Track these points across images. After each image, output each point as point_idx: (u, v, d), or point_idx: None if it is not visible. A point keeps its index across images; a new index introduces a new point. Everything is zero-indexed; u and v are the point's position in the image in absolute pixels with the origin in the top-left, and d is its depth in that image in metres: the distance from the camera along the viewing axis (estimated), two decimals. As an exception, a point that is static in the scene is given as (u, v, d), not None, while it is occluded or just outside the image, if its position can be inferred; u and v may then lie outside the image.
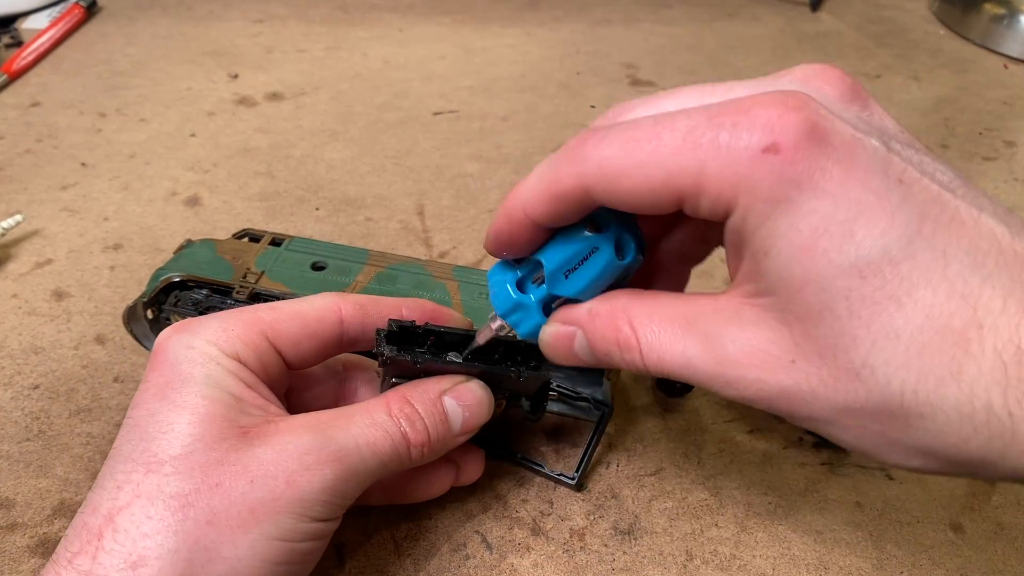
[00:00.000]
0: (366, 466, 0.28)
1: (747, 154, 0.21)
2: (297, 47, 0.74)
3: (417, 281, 0.40)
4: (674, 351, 0.24)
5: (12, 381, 0.41)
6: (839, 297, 0.21)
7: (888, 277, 0.20)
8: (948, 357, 0.20)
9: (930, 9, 0.85)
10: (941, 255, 0.20)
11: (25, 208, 0.52)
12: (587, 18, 0.81)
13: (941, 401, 0.20)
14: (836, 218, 0.21)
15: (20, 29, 0.74)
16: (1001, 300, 0.20)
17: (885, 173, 0.21)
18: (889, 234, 0.20)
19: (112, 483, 0.26)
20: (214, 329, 0.29)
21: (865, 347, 0.21)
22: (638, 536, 0.35)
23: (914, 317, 0.20)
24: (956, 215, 0.21)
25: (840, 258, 0.21)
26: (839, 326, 0.21)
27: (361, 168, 0.58)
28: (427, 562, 0.34)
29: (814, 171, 0.21)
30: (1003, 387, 0.19)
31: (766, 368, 0.22)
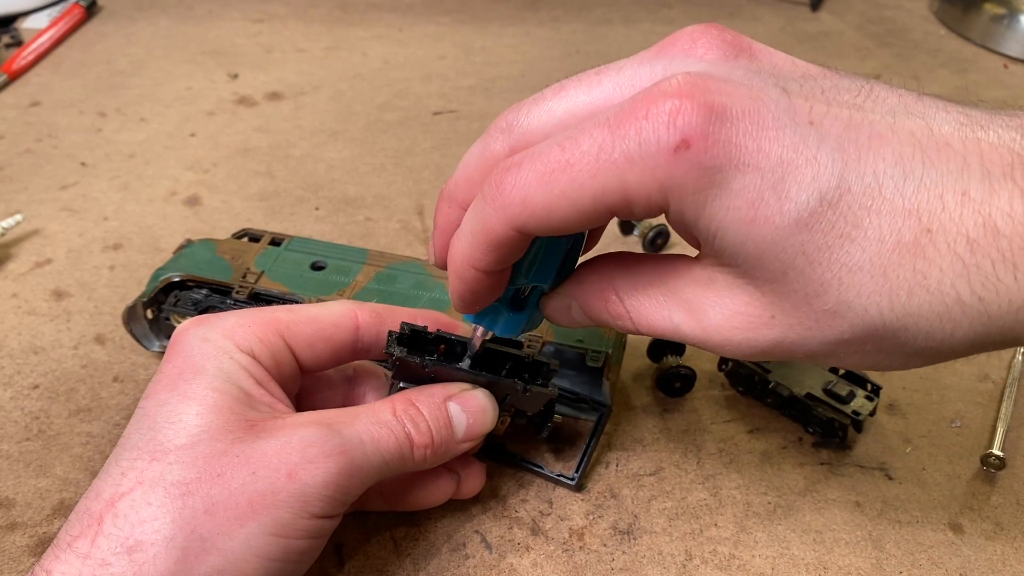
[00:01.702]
0: (369, 463, 0.28)
1: (661, 158, 0.21)
2: (297, 47, 0.74)
3: (416, 281, 0.40)
4: (661, 317, 0.25)
5: (12, 381, 0.41)
6: (795, 254, 0.22)
7: (832, 219, 0.21)
8: (909, 269, 0.21)
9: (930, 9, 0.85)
10: (872, 178, 0.21)
11: (25, 208, 0.52)
12: (587, 18, 0.81)
13: (918, 309, 0.21)
14: (765, 184, 0.21)
15: (20, 29, 0.74)
16: (939, 199, 0.21)
17: (794, 121, 0.21)
18: (819, 179, 0.21)
19: (117, 470, 0.26)
20: (231, 324, 0.29)
21: (834, 289, 0.22)
22: (637, 536, 0.35)
23: (868, 246, 0.21)
24: (873, 131, 0.22)
25: (783, 219, 0.21)
26: (804, 279, 0.22)
27: (361, 168, 0.58)
28: (427, 562, 0.34)
29: (729, 150, 0.21)
30: (966, 277, 0.21)
31: (751, 328, 0.24)
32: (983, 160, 0.21)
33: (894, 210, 0.21)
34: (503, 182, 0.23)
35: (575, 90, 0.25)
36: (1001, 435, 0.38)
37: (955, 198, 0.21)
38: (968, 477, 0.38)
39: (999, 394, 0.41)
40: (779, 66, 0.24)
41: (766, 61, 0.24)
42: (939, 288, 0.21)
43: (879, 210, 0.21)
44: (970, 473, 0.38)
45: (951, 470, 0.38)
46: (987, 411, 0.41)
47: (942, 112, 0.22)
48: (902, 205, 0.21)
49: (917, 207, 0.21)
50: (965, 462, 0.38)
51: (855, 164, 0.21)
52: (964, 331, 0.21)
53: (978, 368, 0.43)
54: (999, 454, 0.37)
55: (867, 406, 0.37)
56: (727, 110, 0.21)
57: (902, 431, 0.40)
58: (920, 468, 0.38)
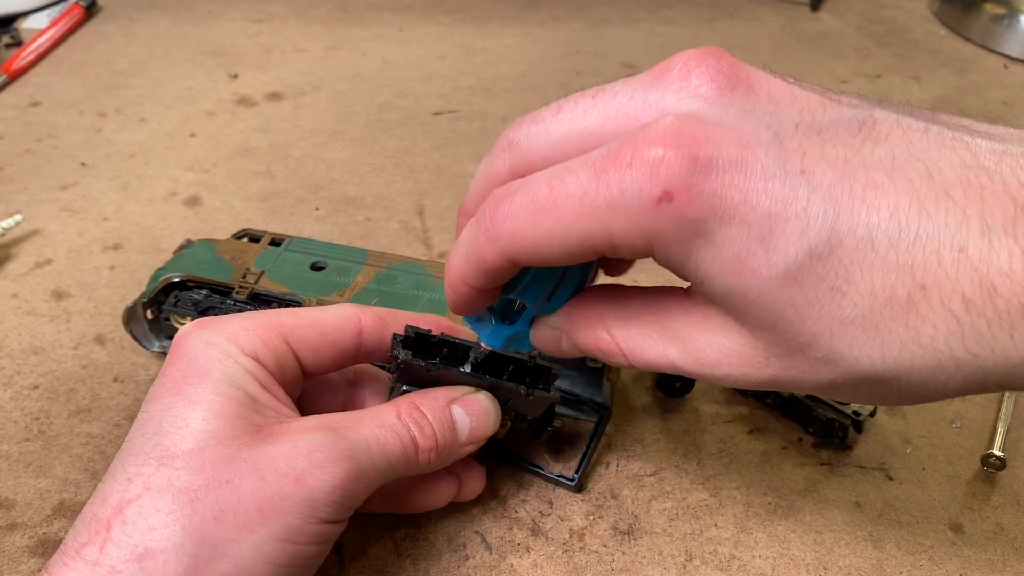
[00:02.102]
0: (375, 466, 0.28)
1: (643, 209, 0.21)
2: (297, 47, 0.74)
3: (417, 281, 0.40)
4: (656, 353, 0.25)
5: (12, 381, 0.41)
6: (784, 306, 0.21)
7: (822, 273, 0.21)
8: (902, 325, 0.21)
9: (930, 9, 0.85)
10: (865, 231, 0.20)
11: (25, 208, 0.52)
12: (587, 18, 0.81)
13: (910, 363, 0.21)
14: (752, 237, 0.21)
15: (20, 29, 0.74)
16: (935, 255, 0.20)
17: (784, 170, 0.21)
18: (808, 233, 0.21)
19: (123, 475, 0.26)
20: (235, 327, 0.29)
21: (825, 340, 0.21)
22: (637, 536, 0.35)
23: (859, 300, 0.21)
24: (868, 178, 0.21)
25: (770, 271, 0.21)
26: (795, 330, 0.22)
27: (361, 168, 0.58)
28: (427, 563, 0.34)
29: (714, 203, 0.21)
30: (960, 336, 0.20)
31: (747, 366, 0.24)
32: (984, 212, 0.20)
33: (887, 265, 0.20)
34: (496, 213, 0.24)
35: (571, 114, 0.25)
36: (1001, 435, 0.38)
37: (952, 254, 0.20)
38: (968, 477, 0.38)
39: (999, 394, 0.41)
40: (777, 99, 0.23)
41: (763, 94, 0.23)
42: (932, 344, 0.20)
43: (872, 265, 0.20)
44: (970, 473, 0.38)
45: (951, 470, 0.38)
46: (987, 411, 0.40)
47: (947, 151, 0.21)
48: (896, 260, 0.20)
49: (911, 263, 0.20)
50: (965, 462, 0.38)
51: (847, 217, 0.20)
52: (958, 382, 0.21)
53: (978, 368, 0.43)
54: (999, 454, 0.37)
55: (867, 407, 0.37)
56: (713, 161, 0.21)
57: (902, 431, 0.40)
58: (920, 468, 0.38)
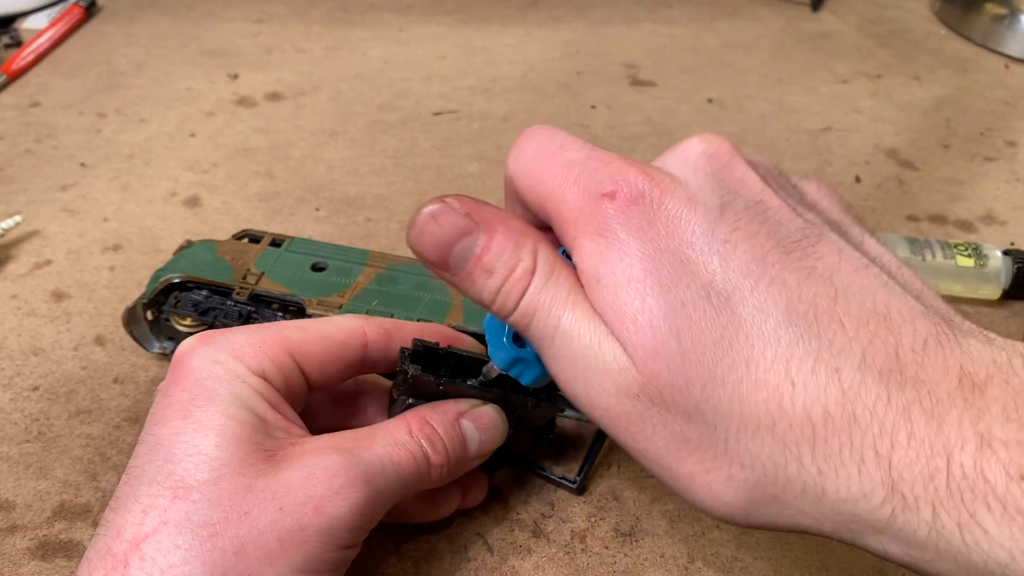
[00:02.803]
0: (390, 487, 0.28)
1: (592, 195, 0.23)
2: (297, 47, 0.74)
3: (417, 282, 0.40)
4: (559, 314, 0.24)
5: (11, 382, 0.41)
6: (671, 334, 0.22)
7: (711, 319, 0.22)
8: (764, 409, 0.21)
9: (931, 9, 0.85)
10: (758, 312, 0.22)
11: (24, 208, 0.52)
12: (587, 18, 0.81)
13: (760, 451, 0.22)
14: (664, 259, 0.22)
15: (19, 29, 0.74)
16: (812, 359, 0.21)
17: (710, 233, 0.23)
18: (712, 283, 0.22)
19: (137, 506, 0.25)
20: (240, 345, 0.28)
21: (696, 390, 0.22)
22: (639, 538, 0.35)
23: (734, 365, 0.22)
24: (779, 275, 0.22)
25: (670, 295, 0.22)
26: (673, 364, 0.22)
27: (361, 168, 0.58)
28: (428, 565, 0.34)
29: (642, 222, 0.23)
30: (811, 444, 0.21)
31: (617, 389, 0.23)
32: (868, 350, 0.21)
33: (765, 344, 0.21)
34: (524, 137, 0.26)
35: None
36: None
37: (827, 371, 0.21)
38: (971, 479, 0.38)
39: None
40: (745, 184, 0.25)
41: (738, 175, 0.25)
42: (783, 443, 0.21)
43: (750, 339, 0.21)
44: (973, 475, 0.38)
45: (954, 472, 0.38)
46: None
47: (870, 292, 0.22)
48: (773, 353, 0.21)
49: (787, 357, 0.21)
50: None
51: (745, 296, 0.22)
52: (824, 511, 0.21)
53: (980, 369, 0.43)
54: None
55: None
56: (661, 199, 0.23)
57: (904, 432, 0.40)
58: (923, 470, 0.38)
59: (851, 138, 0.63)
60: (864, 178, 0.58)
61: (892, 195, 0.57)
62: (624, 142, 0.62)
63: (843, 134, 0.64)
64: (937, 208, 0.56)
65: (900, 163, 0.60)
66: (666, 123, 0.64)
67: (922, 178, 0.59)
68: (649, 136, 0.63)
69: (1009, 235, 0.53)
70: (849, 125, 0.65)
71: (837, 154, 0.61)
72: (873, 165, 0.60)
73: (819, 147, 0.62)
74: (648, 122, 0.65)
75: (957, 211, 0.55)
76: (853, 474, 0.20)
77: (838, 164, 0.60)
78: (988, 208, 0.56)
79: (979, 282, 0.47)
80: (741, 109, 0.67)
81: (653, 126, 0.64)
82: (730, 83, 0.70)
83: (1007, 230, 0.54)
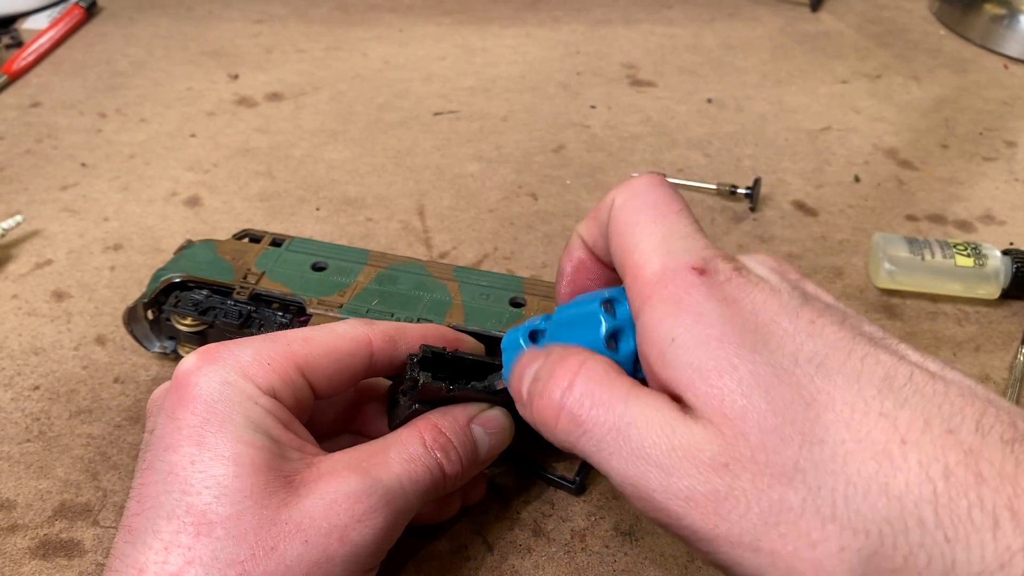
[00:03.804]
0: (410, 505, 0.28)
1: (679, 265, 0.23)
2: (297, 47, 0.74)
3: (417, 282, 0.40)
4: (612, 409, 0.23)
5: (12, 382, 0.41)
6: (760, 391, 0.20)
7: (802, 382, 0.20)
8: (874, 468, 0.19)
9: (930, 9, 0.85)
10: (855, 380, 0.20)
11: (25, 208, 0.52)
12: (587, 18, 0.81)
13: (874, 514, 0.19)
14: (747, 327, 0.21)
15: (20, 29, 0.74)
16: (922, 421, 0.19)
17: (796, 316, 0.22)
18: (800, 353, 0.21)
19: (157, 542, 0.24)
20: (248, 363, 0.27)
21: (794, 448, 0.20)
22: (639, 537, 0.35)
23: (833, 426, 0.20)
24: (871, 352, 0.21)
25: (755, 356, 0.21)
26: (765, 423, 0.20)
27: (361, 168, 0.58)
28: (428, 563, 0.34)
29: (728, 296, 0.22)
30: (933, 505, 0.18)
31: (699, 465, 0.21)
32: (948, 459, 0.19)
33: (869, 410, 0.20)
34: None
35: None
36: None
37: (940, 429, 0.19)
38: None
39: (1001, 394, 0.41)
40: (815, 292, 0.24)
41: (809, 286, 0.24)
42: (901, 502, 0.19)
43: (854, 403, 0.20)
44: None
45: (953, 471, 0.38)
46: (988, 412, 0.40)
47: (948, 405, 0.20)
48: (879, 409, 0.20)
49: (896, 417, 0.19)
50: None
51: (840, 363, 0.21)
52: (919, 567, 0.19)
53: (979, 368, 0.43)
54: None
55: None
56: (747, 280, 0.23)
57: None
58: (922, 469, 0.38)
59: (850, 138, 0.63)
60: (863, 178, 0.59)
61: (891, 195, 0.57)
62: (623, 142, 0.62)
63: (842, 134, 0.64)
64: (936, 208, 0.56)
65: (899, 163, 0.61)
66: (665, 123, 0.64)
67: (921, 178, 0.59)
68: (648, 136, 0.63)
69: (1008, 235, 0.54)
70: (848, 125, 0.65)
71: (836, 154, 0.61)
72: (872, 165, 0.60)
73: (818, 147, 0.62)
74: (647, 122, 0.65)
75: (956, 211, 0.56)
76: (987, 539, 0.18)
77: (837, 164, 0.60)
78: (987, 208, 0.56)
79: (978, 282, 0.47)
80: (740, 109, 0.67)
81: (652, 126, 0.64)
82: (729, 83, 0.70)
83: (1006, 230, 0.54)
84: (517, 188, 0.56)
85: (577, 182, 0.57)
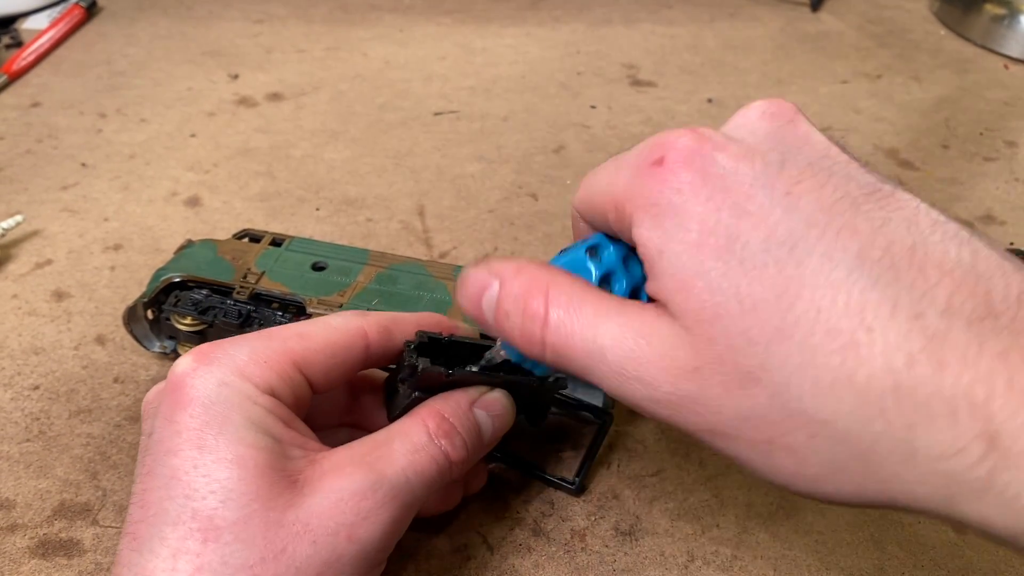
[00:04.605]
0: (415, 497, 0.28)
1: (639, 170, 0.23)
2: (297, 47, 0.74)
3: (418, 281, 0.40)
4: (584, 337, 0.23)
5: (12, 382, 0.41)
6: (730, 295, 0.21)
7: (773, 274, 0.21)
8: (839, 360, 0.19)
9: (930, 9, 0.85)
10: (827, 260, 0.20)
11: (25, 208, 0.52)
12: (587, 18, 0.81)
13: (839, 406, 0.19)
14: (721, 217, 0.21)
15: (20, 29, 0.74)
16: (890, 305, 0.19)
17: (770, 186, 0.22)
18: (773, 235, 0.21)
19: (165, 550, 0.24)
20: (244, 362, 0.27)
21: (761, 348, 0.20)
22: (639, 537, 0.35)
23: (803, 317, 0.20)
24: (847, 223, 0.21)
25: (728, 255, 0.21)
26: (733, 326, 0.21)
27: (361, 168, 0.58)
28: (428, 563, 0.34)
29: (695, 181, 0.22)
30: (896, 395, 0.19)
31: (672, 372, 0.22)
32: (953, 299, 0.19)
33: (837, 297, 0.20)
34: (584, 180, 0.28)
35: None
36: (1003, 436, 0.38)
37: (907, 315, 0.19)
38: (970, 478, 0.38)
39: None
40: (810, 141, 0.24)
41: (801, 133, 0.24)
42: (866, 394, 0.19)
43: (823, 290, 0.20)
44: (972, 474, 0.38)
45: (953, 471, 0.38)
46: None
47: (951, 244, 0.21)
48: (846, 295, 0.20)
49: (864, 305, 0.19)
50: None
51: (813, 242, 0.20)
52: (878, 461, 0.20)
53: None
54: (1001, 455, 0.37)
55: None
56: (713, 155, 0.22)
57: (904, 432, 0.40)
58: (922, 469, 0.38)
59: (850, 138, 0.63)
60: (864, 178, 0.59)
61: (892, 195, 0.57)
62: (624, 142, 0.62)
63: (842, 134, 0.64)
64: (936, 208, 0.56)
65: (900, 163, 0.61)
66: (666, 123, 0.64)
67: (921, 178, 0.59)
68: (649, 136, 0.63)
69: (1008, 235, 0.53)
70: (849, 125, 0.65)
71: (837, 154, 0.61)
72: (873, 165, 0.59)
73: (819, 147, 0.62)
74: (648, 122, 0.65)
75: (956, 211, 0.55)
76: (945, 426, 0.18)
77: (838, 164, 0.60)
78: (987, 208, 0.56)
79: (978, 282, 0.47)
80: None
81: (653, 126, 0.64)
82: (730, 83, 0.70)
83: (1006, 230, 0.54)
84: (517, 188, 0.56)
85: (577, 182, 0.57)
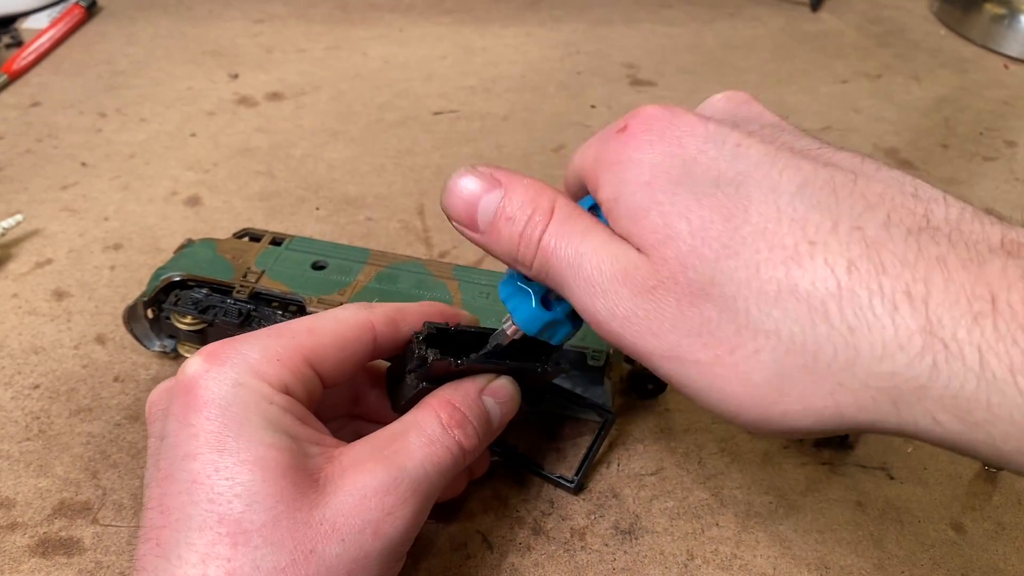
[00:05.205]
0: (434, 488, 0.28)
1: (607, 138, 0.25)
2: (297, 47, 0.74)
3: (418, 280, 0.40)
4: (571, 245, 0.25)
5: (12, 381, 0.41)
6: (680, 219, 0.22)
7: (721, 202, 0.22)
8: (783, 272, 0.20)
9: (930, 9, 0.85)
10: (771, 190, 0.22)
11: (25, 208, 0.52)
12: (587, 18, 0.81)
13: (784, 316, 0.20)
14: (674, 163, 0.23)
15: (20, 29, 0.74)
16: (831, 221, 0.20)
17: (722, 142, 0.23)
18: (722, 176, 0.22)
19: (193, 555, 0.24)
20: (257, 360, 0.27)
21: (709, 264, 0.22)
22: (639, 535, 0.35)
23: (749, 236, 0.21)
24: (791, 163, 0.22)
25: (679, 188, 0.23)
26: (684, 244, 0.22)
27: (361, 168, 0.58)
28: (428, 561, 0.34)
29: (653, 139, 0.24)
30: (838, 299, 0.20)
31: (632, 289, 0.23)
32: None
33: (781, 216, 0.21)
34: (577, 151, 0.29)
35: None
36: (1003, 435, 0.38)
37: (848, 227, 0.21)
38: (969, 477, 0.38)
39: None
40: (761, 119, 0.26)
41: (755, 112, 0.26)
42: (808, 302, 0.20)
43: (767, 212, 0.21)
44: (971, 473, 0.38)
45: (952, 470, 0.38)
46: (988, 411, 0.40)
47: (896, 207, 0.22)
48: (791, 215, 0.21)
49: (805, 221, 0.21)
50: (967, 462, 0.38)
51: (759, 178, 0.22)
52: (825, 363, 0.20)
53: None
54: (1001, 454, 0.37)
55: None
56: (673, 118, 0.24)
57: (903, 431, 0.40)
58: (922, 468, 0.38)
59: (850, 138, 0.63)
60: (863, 177, 0.59)
61: (891, 194, 0.57)
62: (624, 142, 0.62)
63: (842, 133, 0.64)
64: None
65: (899, 163, 0.61)
66: (666, 123, 0.64)
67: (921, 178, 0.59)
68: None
69: (1008, 234, 0.53)
70: (848, 125, 0.65)
71: (836, 154, 0.61)
72: (872, 165, 0.60)
73: (818, 147, 0.62)
74: (648, 122, 0.65)
75: (956, 210, 0.55)
76: (887, 324, 0.19)
77: (837, 164, 0.60)
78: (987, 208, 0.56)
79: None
80: (741, 109, 0.67)
81: (653, 126, 0.64)
82: (730, 83, 0.70)
83: (1006, 229, 0.54)
84: (517, 187, 0.56)
85: (577, 181, 0.57)
